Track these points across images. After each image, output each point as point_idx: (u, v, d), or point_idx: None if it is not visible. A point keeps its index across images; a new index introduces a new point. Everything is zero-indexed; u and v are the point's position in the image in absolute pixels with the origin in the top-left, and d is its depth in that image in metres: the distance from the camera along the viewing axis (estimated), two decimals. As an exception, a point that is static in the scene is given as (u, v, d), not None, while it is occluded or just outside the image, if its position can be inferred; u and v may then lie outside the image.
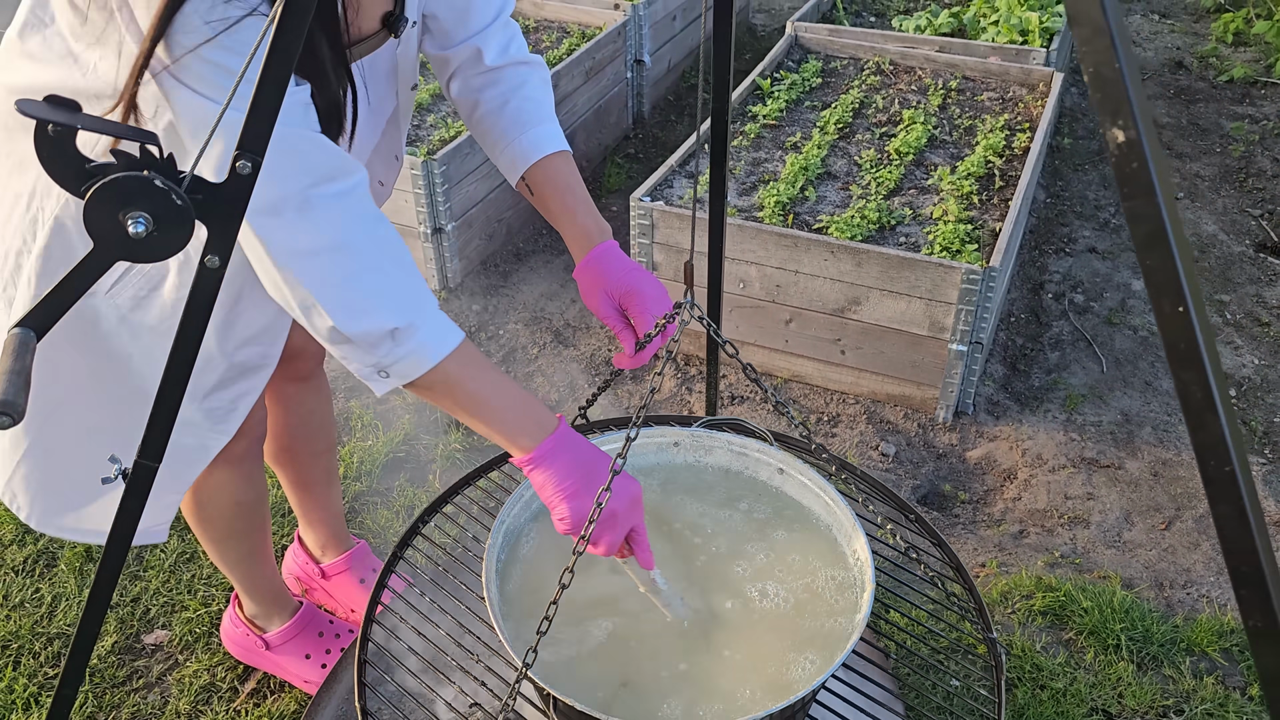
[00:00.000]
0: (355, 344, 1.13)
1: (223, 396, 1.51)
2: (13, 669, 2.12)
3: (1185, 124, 4.41)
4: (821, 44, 3.87)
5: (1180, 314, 0.65)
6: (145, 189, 0.83)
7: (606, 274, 1.39)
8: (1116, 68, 0.63)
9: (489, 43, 1.44)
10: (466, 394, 1.19)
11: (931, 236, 2.78)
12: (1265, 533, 0.70)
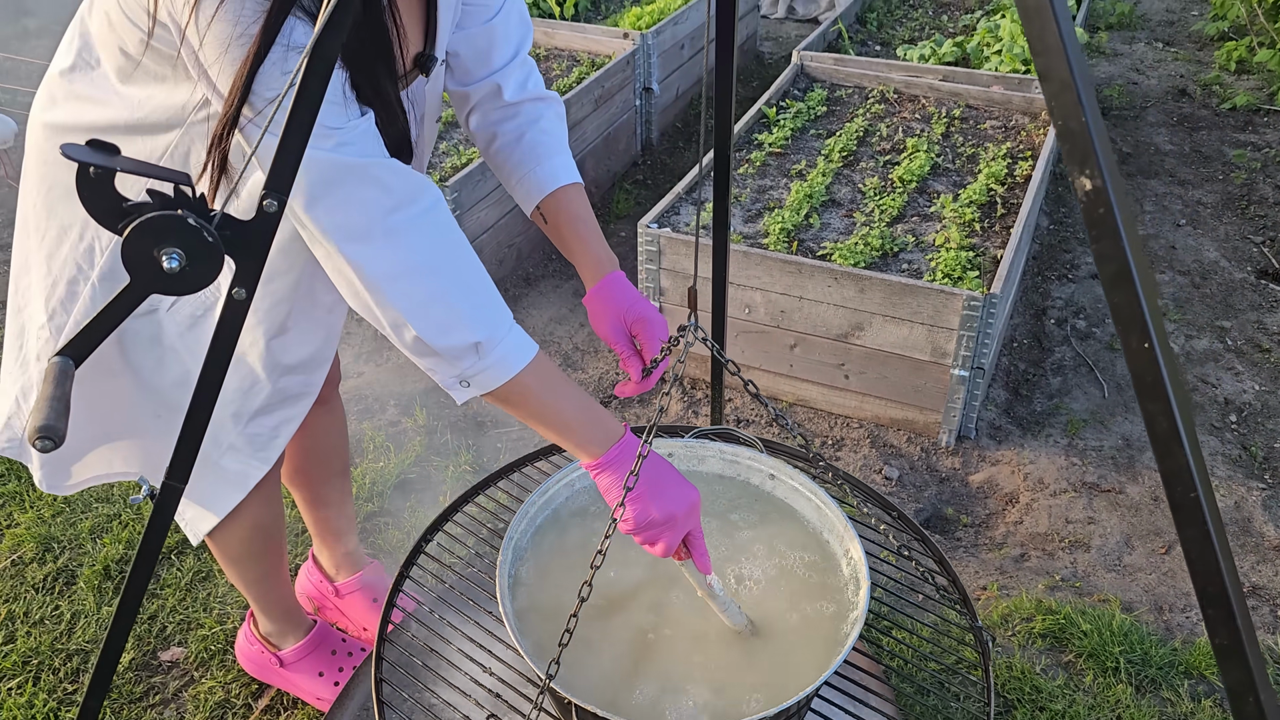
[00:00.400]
0: (441, 357, 1.19)
1: (265, 422, 1.56)
2: (33, 684, 2.17)
3: (1188, 151, 4.46)
4: (827, 73, 3.94)
5: (1146, 349, 0.70)
6: (178, 227, 0.88)
7: (616, 302, 1.45)
8: (1083, 121, 0.68)
9: (508, 79, 1.50)
10: (541, 403, 1.26)
11: (934, 263, 2.83)
12: (1229, 555, 0.74)
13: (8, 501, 2.64)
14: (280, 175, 0.93)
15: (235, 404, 1.49)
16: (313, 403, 1.58)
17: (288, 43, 1.03)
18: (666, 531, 1.27)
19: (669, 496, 1.26)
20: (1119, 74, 5.23)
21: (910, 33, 4.49)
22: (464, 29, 1.45)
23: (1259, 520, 2.64)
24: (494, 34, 1.47)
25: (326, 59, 0.89)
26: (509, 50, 1.50)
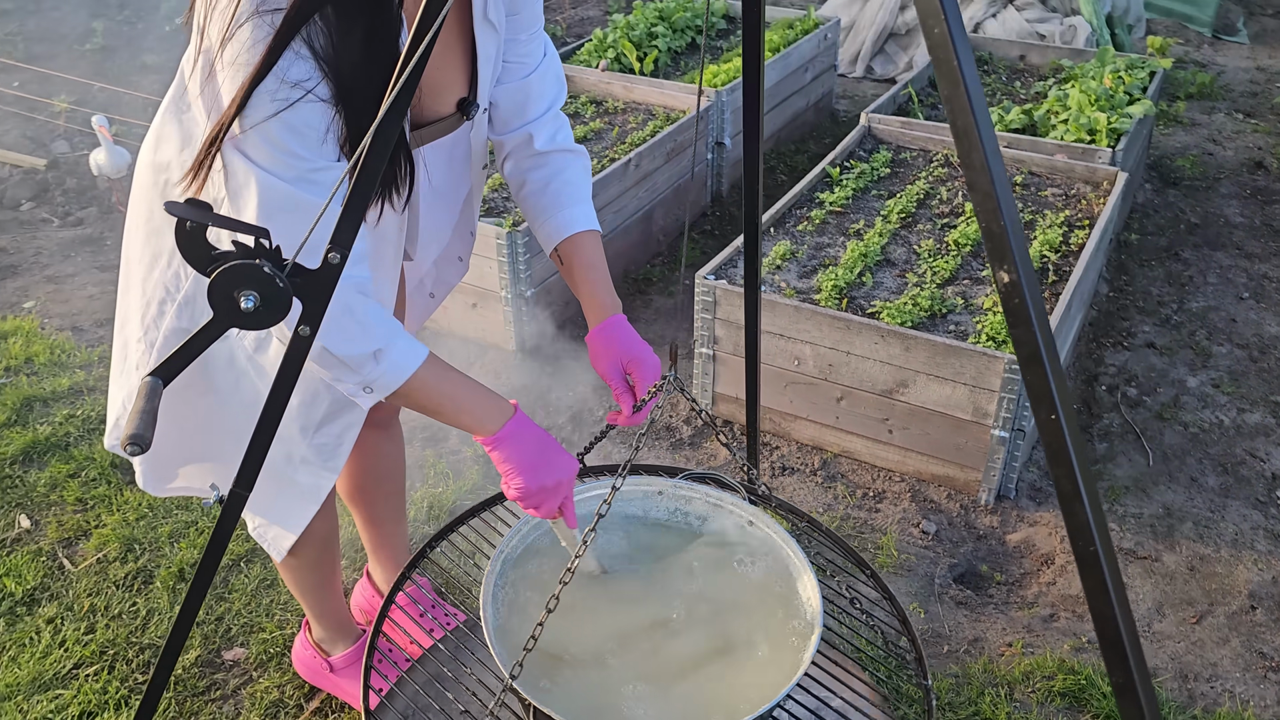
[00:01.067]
0: (346, 365, 1.36)
1: (330, 430, 1.73)
2: (108, 672, 2.36)
3: (1258, 224, 4.45)
4: (893, 135, 4.05)
5: (1053, 420, 0.81)
6: (256, 274, 1.05)
7: (615, 342, 1.58)
8: (1002, 224, 0.80)
9: (540, 131, 1.66)
10: (438, 395, 1.43)
11: (980, 326, 2.91)
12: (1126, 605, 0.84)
13: (98, 504, 2.87)
14: (344, 233, 1.09)
15: (301, 418, 1.66)
16: (368, 410, 1.73)
17: (283, 76, 1.20)
18: (553, 496, 1.46)
19: (555, 467, 1.45)
20: (1194, 144, 5.23)
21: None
22: (504, 83, 1.61)
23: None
24: (530, 89, 1.63)
25: (388, 138, 1.05)
26: (543, 105, 1.65)
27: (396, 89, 1.03)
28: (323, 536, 2.01)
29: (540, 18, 1.67)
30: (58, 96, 5.27)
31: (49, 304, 3.86)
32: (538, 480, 1.45)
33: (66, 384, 3.32)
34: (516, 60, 1.64)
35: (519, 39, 1.63)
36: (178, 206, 1.02)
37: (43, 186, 4.71)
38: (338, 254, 1.11)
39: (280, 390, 1.18)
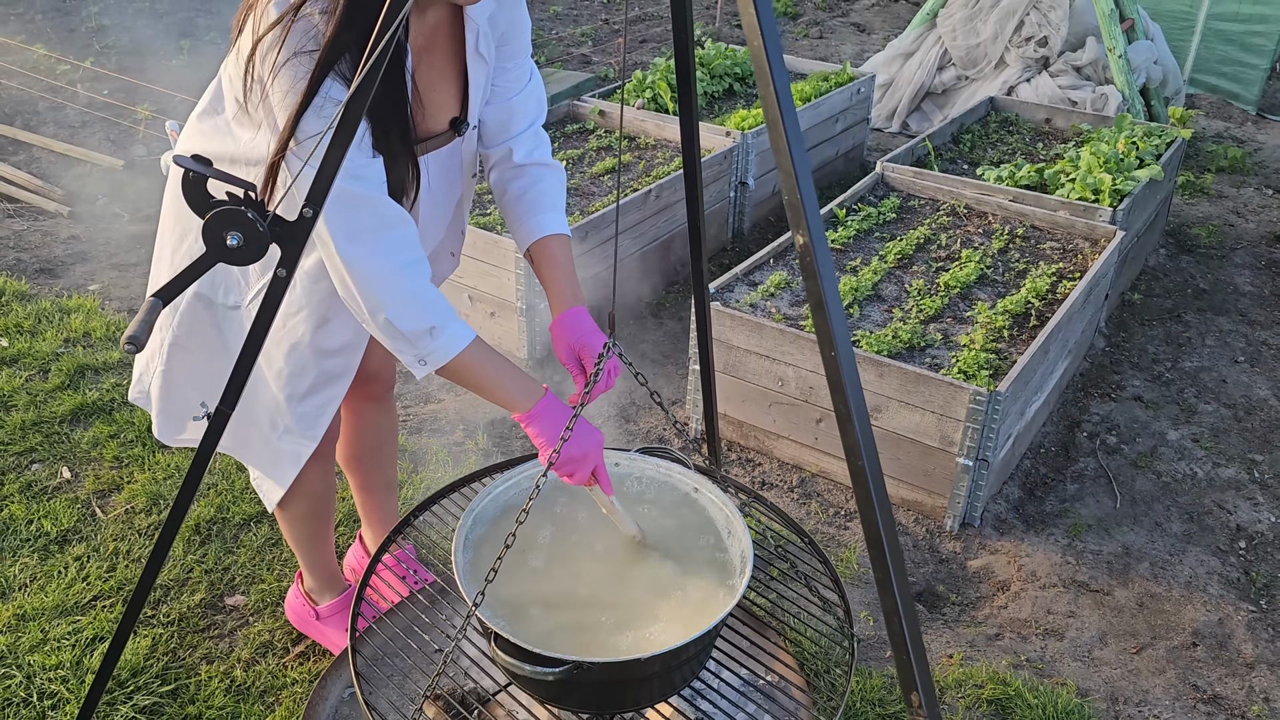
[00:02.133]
0: (406, 338, 1.59)
1: (313, 402, 1.98)
2: (122, 605, 2.62)
3: (1267, 294, 4.55)
4: (904, 183, 4.26)
5: (832, 356, 1.02)
6: (241, 218, 1.30)
7: (572, 331, 1.80)
8: (799, 197, 1.01)
9: (519, 146, 1.90)
10: (481, 373, 1.66)
11: (954, 360, 3.08)
12: (888, 511, 1.03)
13: (132, 462, 3.15)
14: (317, 191, 1.34)
15: (289, 386, 1.92)
16: (349, 385, 1.97)
17: (325, 95, 1.46)
18: (583, 465, 1.66)
19: (583, 438, 1.66)
20: (1217, 215, 5.34)
21: (1000, 155, 4.77)
22: (491, 104, 1.86)
23: (1239, 638, 2.75)
24: (513, 110, 1.88)
25: (355, 114, 1.30)
26: (524, 124, 1.90)
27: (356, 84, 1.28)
28: (318, 494, 2.25)
29: (528, 49, 1.93)
30: (141, 105, 5.70)
31: (111, 288, 4.21)
32: (567, 450, 1.65)
33: (117, 357, 3.64)
34: (504, 84, 1.90)
35: (507, 67, 1.88)
36: (183, 160, 1.28)
37: (118, 185, 5.10)
38: (310, 210, 1.35)
39: (262, 319, 1.42)
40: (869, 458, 1.02)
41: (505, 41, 1.85)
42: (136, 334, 1.27)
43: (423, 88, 1.69)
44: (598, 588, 1.70)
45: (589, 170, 4.39)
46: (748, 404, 3.33)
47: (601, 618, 1.63)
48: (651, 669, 1.48)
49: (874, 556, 1.04)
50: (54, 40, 6.99)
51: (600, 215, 3.82)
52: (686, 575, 1.70)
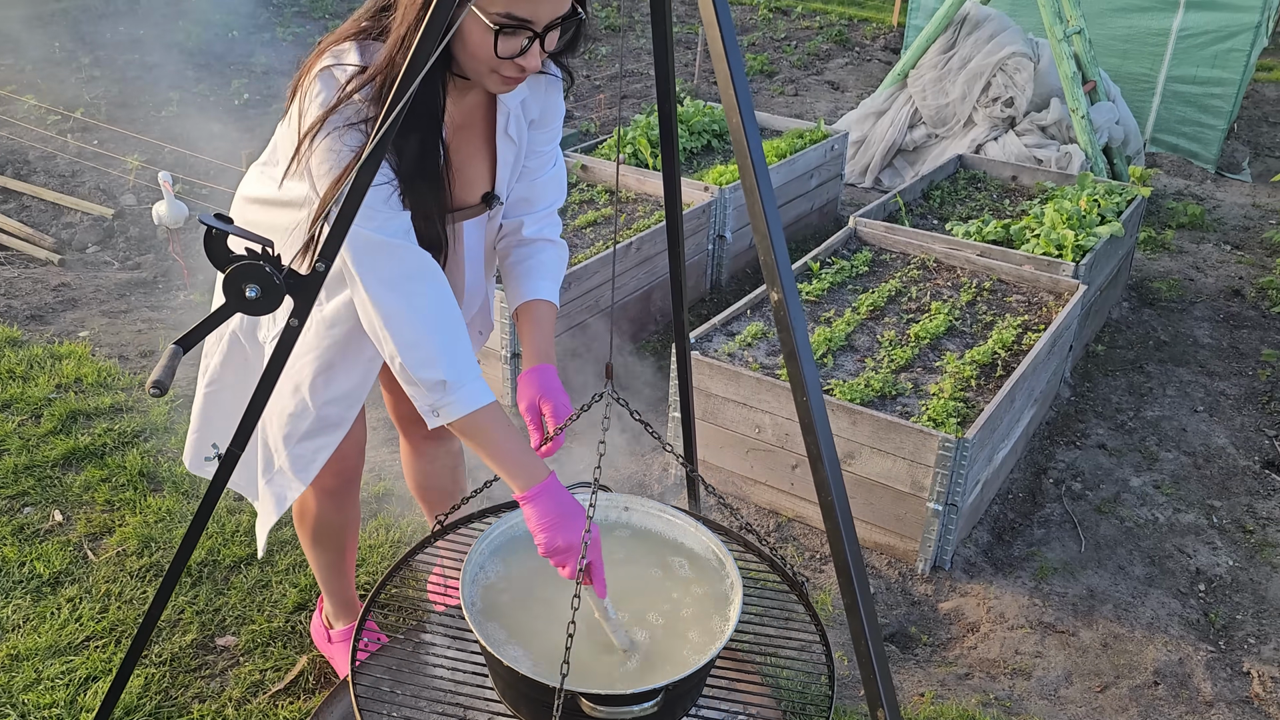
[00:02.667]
0: (419, 386, 1.66)
1: (307, 446, 2.07)
2: (114, 646, 2.68)
3: (1225, 346, 4.72)
4: (876, 238, 4.42)
5: (804, 401, 1.13)
6: (259, 272, 1.41)
7: (537, 385, 1.89)
8: (773, 257, 1.13)
9: (531, 223, 2.03)
10: (488, 439, 1.69)
11: (924, 408, 3.21)
12: (855, 542, 1.13)
13: (124, 506, 3.22)
14: (330, 248, 1.45)
15: (287, 426, 2.01)
16: (343, 435, 2.06)
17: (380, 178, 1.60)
18: (572, 556, 1.65)
19: (576, 526, 1.66)
20: (1178, 270, 5.54)
21: (968, 211, 4.94)
22: (519, 181, 2.00)
23: (1198, 678, 2.86)
24: (535, 191, 2.02)
25: (364, 181, 1.42)
26: (542, 205, 2.03)
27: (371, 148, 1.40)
28: (335, 526, 2.35)
29: (559, 133, 2.07)
30: (131, 155, 5.80)
31: (101, 334, 4.28)
32: (554, 540, 1.66)
33: (108, 402, 3.71)
34: (533, 165, 2.03)
35: (539, 150, 2.02)
36: (207, 217, 1.39)
37: (108, 233, 5.19)
38: (323, 264, 1.46)
39: (274, 367, 1.52)
40: (838, 494, 1.12)
41: (538, 126, 1.98)
42: (160, 379, 1.37)
43: (458, 162, 1.82)
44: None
45: (572, 223, 4.52)
46: (725, 450, 3.44)
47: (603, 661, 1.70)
48: (693, 683, 1.56)
49: (843, 584, 1.14)
50: (44, 91, 7.11)
51: (584, 266, 3.94)
52: (679, 617, 1.78)
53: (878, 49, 10.31)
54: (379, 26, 1.65)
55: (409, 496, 3.31)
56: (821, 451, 1.11)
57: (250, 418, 1.57)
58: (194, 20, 9.34)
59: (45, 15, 9.55)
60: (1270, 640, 3.01)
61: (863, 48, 10.37)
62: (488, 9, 1.55)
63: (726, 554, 1.82)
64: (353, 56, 1.64)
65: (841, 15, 11.75)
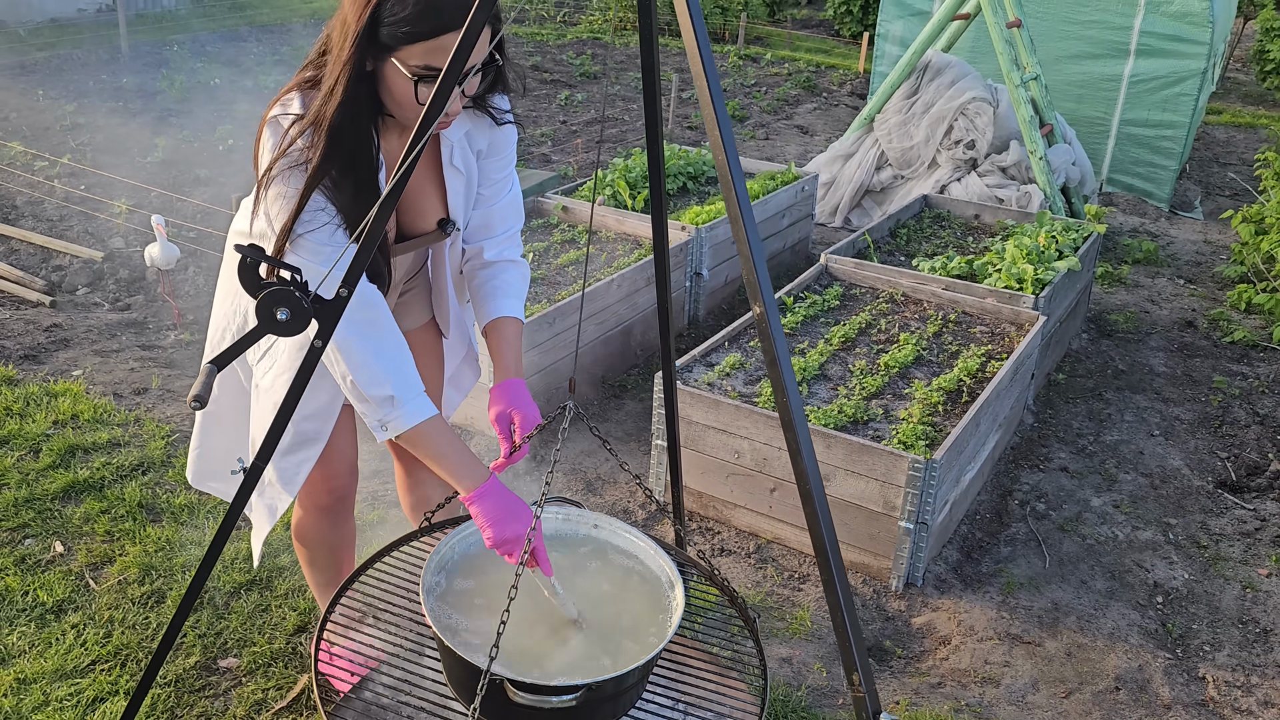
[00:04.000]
0: (369, 402, 1.83)
1: (291, 459, 2.21)
2: (119, 669, 2.77)
3: (1179, 374, 4.94)
4: (847, 274, 4.61)
5: (784, 401, 1.29)
6: (288, 297, 1.55)
7: (506, 398, 2.04)
8: (755, 275, 1.29)
9: (491, 247, 2.19)
10: (434, 448, 1.87)
11: (895, 432, 3.37)
12: (830, 526, 1.28)
13: (123, 536, 3.31)
14: (353, 274, 1.60)
15: None
16: (321, 449, 2.20)
17: (313, 207, 1.79)
18: (518, 546, 1.83)
19: (519, 520, 1.84)
20: (1133, 303, 5.78)
21: (933, 248, 5.16)
22: (476, 209, 2.15)
23: (1157, 683, 3.01)
24: (492, 217, 2.17)
25: (385, 214, 1.57)
26: (501, 230, 2.19)
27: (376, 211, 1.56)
28: (330, 545, 2.47)
29: (513, 159, 2.23)
30: (119, 199, 5.93)
31: (95, 373, 4.38)
32: (501, 533, 1.84)
33: (105, 437, 3.81)
34: (488, 193, 2.19)
35: (492, 178, 2.18)
36: (242, 247, 1.54)
37: (98, 275, 5.30)
38: (346, 290, 1.61)
39: (298, 384, 1.66)
40: (815, 485, 1.28)
41: (488, 156, 2.14)
42: (200, 394, 1.50)
43: (411, 194, 1.99)
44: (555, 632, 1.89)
45: (554, 261, 4.69)
46: (706, 475, 3.59)
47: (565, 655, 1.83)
48: (638, 676, 1.70)
49: (821, 563, 1.29)
50: (30, 137, 7.23)
51: (567, 302, 4.10)
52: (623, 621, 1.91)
53: (844, 94, 10.64)
54: (318, 76, 1.84)
55: (402, 522, 3.43)
56: (800, 446, 1.27)
57: (275, 432, 1.71)
58: (176, 69, 9.52)
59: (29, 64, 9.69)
60: (1224, 647, 3.17)
61: (830, 93, 10.69)
62: (407, 61, 1.73)
63: (677, 575, 1.95)
64: (295, 105, 1.83)
65: (810, 62, 12.11)
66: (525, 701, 1.65)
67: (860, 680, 1.30)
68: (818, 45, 13.59)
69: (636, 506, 3.73)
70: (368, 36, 1.72)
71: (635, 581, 2.01)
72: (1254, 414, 4.57)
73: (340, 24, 1.76)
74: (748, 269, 1.28)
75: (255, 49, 10.50)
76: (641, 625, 1.90)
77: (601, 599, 1.98)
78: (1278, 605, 3.36)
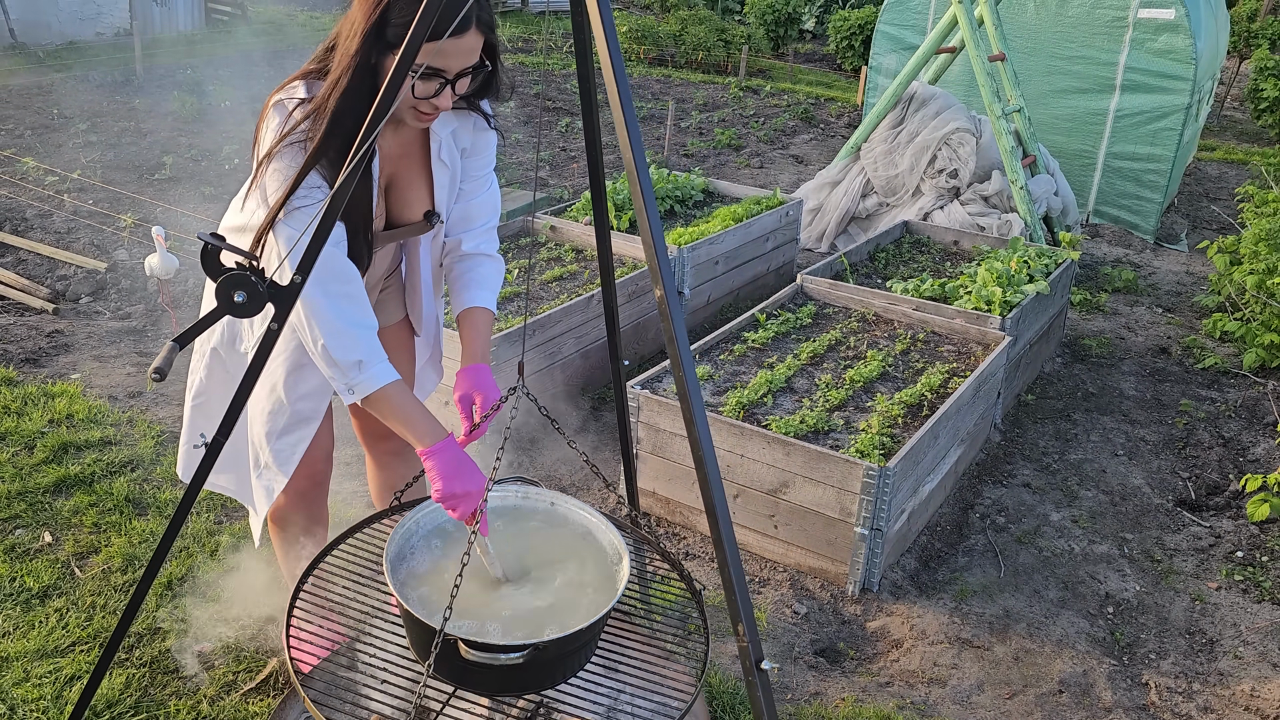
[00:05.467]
0: (338, 366, 1.96)
1: (287, 440, 2.35)
2: (99, 650, 2.90)
3: (1149, 398, 5.05)
4: (821, 294, 4.75)
5: (680, 375, 1.42)
6: (245, 281, 1.70)
7: (470, 381, 2.18)
8: (657, 262, 1.43)
9: (469, 239, 2.33)
10: (395, 408, 2.01)
11: (853, 442, 3.50)
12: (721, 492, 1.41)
13: (110, 528, 3.45)
14: (306, 263, 1.75)
15: (268, 424, 2.29)
16: (317, 427, 2.34)
17: (309, 185, 1.90)
18: (464, 501, 1.96)
19: (468, 478, 1.97)
20: (1109, 329, 5.90)
21: (910, 272, 5.30)
22: (456, 203, 2.30)
23: (1100, 687, 3.11)
24: (471, 211, 2.32)
25: (337, 203, 1.72)
26: (479, 223, 2.34)
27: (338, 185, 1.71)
28: (306, 528, 2.61)
29: (492, 159, 2.39)
30: (125, 213, 6.12)
31: (92, 376, 4.54)
32: (450, 487, 1.98)
33: (98, 436, 3.96)
34: (469, 188, 2.34)
35: (473, 175, 2.33)
36: (205, 234, 1.69)
37: (101, 285, 5.48)
38: (299, 277, 1.76)
39: (256, 365, 1.80)
40: (710, 466, 1.41)
41: (471, 155, 2.30)
42: (161, 366, 1.65)
43: (400, 185, 2.14)
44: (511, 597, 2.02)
45: (539, 277, 4.84)
46: (674, 482, 3.71)
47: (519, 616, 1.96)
48: (584, 639, 1.82)
49: (710, 522, 1.42)
50: (42, 153, 7.45)
51: (547, 316, 4.25)
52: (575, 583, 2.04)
53: (841, 126, 10.83)
54: (324, 67, 2.00)
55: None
56: (694, 416, 1.40)
57: (234, 409, 1.85)
58: (187, 90, 9.76)
59: (45, 85, 9.96)
60: (1169, 656, 3.27)
61: (827, 125, 10.88)
62: None
63: (625, 548, 2.07)
64: (300, 91, 1.99)
65: (809, 95, 12.32)
66: (475, 659, 1.77)
67: (744, 631, 1.42)
68: (819, 79, 13.81)
69: (608, 509, 3.85)
70: (375, 34, 1.88)
71: (588, 552, 2.14)
72: (1218, 437, 4.67)
73: (349, 23, 1.93)
74: (649, 255, 1.42)
75: (266, 73, 10.76)
76: (589, 594, 2.03)
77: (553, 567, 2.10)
78: (1225, 617, 3.46)
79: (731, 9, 18.22)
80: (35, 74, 10.47)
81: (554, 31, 15.63)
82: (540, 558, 2.12)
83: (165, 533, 2.00)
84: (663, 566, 2.25)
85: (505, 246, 5.24)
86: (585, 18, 1.75)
